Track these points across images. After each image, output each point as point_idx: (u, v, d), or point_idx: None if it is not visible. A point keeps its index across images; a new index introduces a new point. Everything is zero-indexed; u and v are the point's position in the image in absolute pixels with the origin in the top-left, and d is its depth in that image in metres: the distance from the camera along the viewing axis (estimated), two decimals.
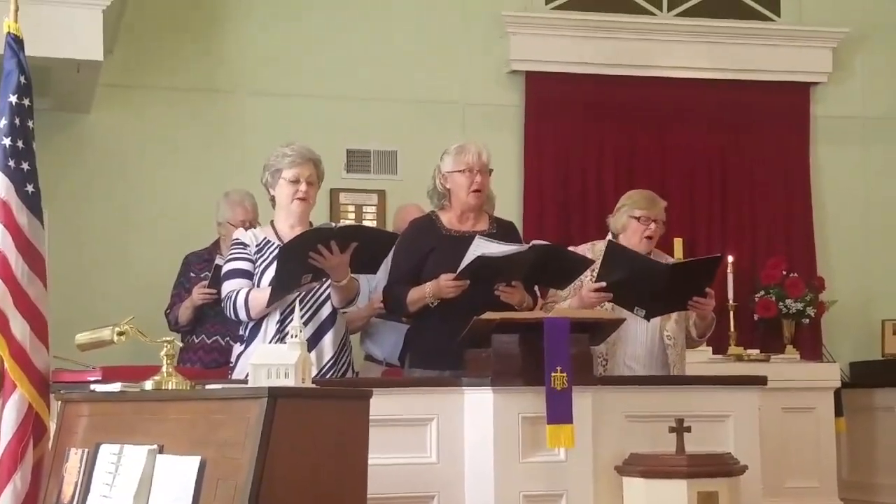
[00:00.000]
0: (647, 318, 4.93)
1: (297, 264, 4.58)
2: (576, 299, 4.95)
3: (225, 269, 4.88)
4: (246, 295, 4.72)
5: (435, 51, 7.69)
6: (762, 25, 8.19)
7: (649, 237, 5.11)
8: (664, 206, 5.23)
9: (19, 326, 4.18)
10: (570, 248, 5.12)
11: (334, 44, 7.54)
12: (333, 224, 4.80)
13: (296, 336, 3.46)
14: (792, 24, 8.23)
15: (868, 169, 8.26)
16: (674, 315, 5.07)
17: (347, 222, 7.10)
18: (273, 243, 4.82)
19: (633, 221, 5.14)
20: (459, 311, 4.50)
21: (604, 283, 4.83)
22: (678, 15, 8.13)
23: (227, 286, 4.80)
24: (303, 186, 4.81)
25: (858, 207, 8.22)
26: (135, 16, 7.03)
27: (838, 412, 7.04)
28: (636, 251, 5.00)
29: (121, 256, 7.07)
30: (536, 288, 5.01)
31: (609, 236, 5.19)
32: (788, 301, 7.61)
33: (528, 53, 7.77)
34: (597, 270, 4.89)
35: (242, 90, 7.39)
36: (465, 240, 4.80)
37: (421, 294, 4.85)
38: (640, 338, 5.05)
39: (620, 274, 4.81)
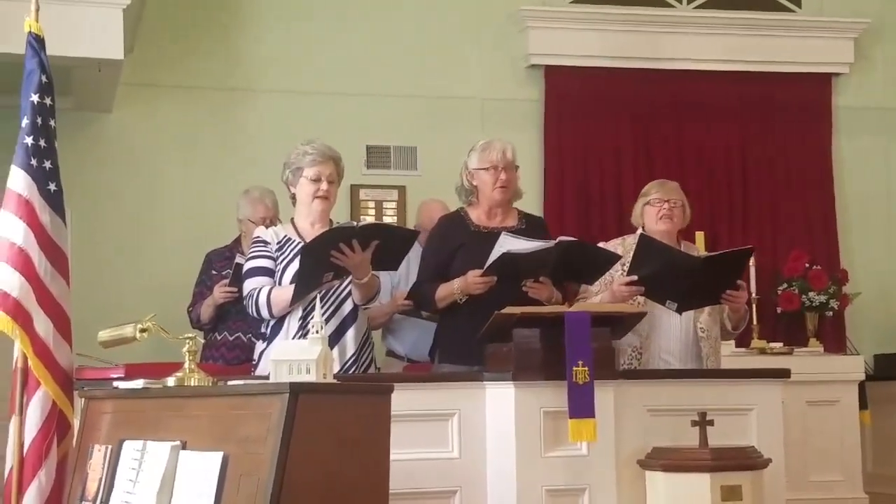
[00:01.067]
0: (679, 311, 4.92)
1: (319, 263, 4.60)
2: (607, 294, 4.95)
3: (246, 267, 4.89)
4: (268, 293, 4.73)
5: (454, 46, 7.69)
6: (783, 17, 8.16)
7: (666, 216, 5.10)
8: (675, 185, 5.23)
9: (43, 324, 4.22)
10: (601, 244, 5.13)
11: (352, 41, 7.55)
12: (355, 223, 4.80)
13: (317, 332, 3.47)
14: (813, 14, 8.20)
15: (891, 159, 8.22)
16: (707, 307, 5.06)
17: (368, 219, 7.12)
18: (294, 241, 4.83)
19: (647, 208, 5.16)
20: (488, 307, 4.49)
21: (635, 277, 4.82)
22: (697, 7, 8.11)
23: (249, 284, 4.81)
24: (324, 185, 4.82)
25: (881, 198, 8.18)
26: (154, 15, 7.06)
27: (862, 405, 7.02)
28: (668, 244, 4.99)
29: (142, 254, 7.10)
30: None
31: (639, 231, 5.18)
32: (811, 294, 7.58)
33: (547, 48, 7.76)
34: (628, 265, 4.88)
35: (262, 88, 7.41)
36: (494, 236, 4.82)
37: (449, 290, 4.87)
38: (674, 331, 5.04)
39: (652, 267, 4.80)
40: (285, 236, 4.86)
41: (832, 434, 6.86)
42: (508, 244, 4.71)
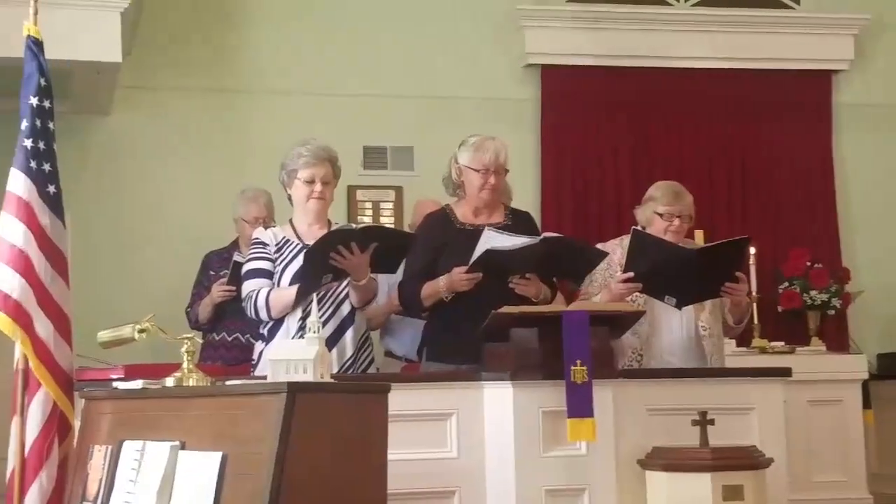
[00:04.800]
0: (678, 306, 4.89)
1: (320, 266, 4.60)
2: (606, 293, 4.92)
3: (245, 268, 4.89)
4: (266, 295, 4.73)
5: (450, 46, 7.70)
6: (782, 13, 8.16)
7: (674, 233, 5.07)
8: (691, 200, 5.17)
9: (43, 325, 4.22)
10: (599, 245, 5.10)
11: (349, 41, 7.56)
12: (354, 225, 4.80)
13: (314, 332, 3.47)
14: (812, 11, 8.20)
15: (892, 156, 8.20)
16: (708, 305, 5.03)
17: (365, 220, 7.12)
18: (292, 242, 4.83)
19: (656, 218, 5.10)
20: (475, 304, 4.49)
21: (632, 274, 4.81)
22: (695, 5, 8.11)
23: (248, 286, 4.82)
24: (318, 186, 4.82)
25: (883, 196, 8.17)
26: (152, 17, 7.07)
27: (866, 404, 6.97)
28: (663, 239, 4.96)
29: (141, 256, 7.11)
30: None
31: (639, 226, 5.16)
32: (813, 292, 7.57)
33: (544, 47, 7.76)
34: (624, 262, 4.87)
35: (259, 89, 7.43)
36: (479, 233, 4.78)
37: (435, 288, 4.84)
38: (675, 330, 5.02)
39: (648, 263, 4.78)
40: (284, 237, 4.87)
41: (835, 434, 6.82)
42: (492, 241, 4.68)
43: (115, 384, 3.96)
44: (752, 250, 7.01)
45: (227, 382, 3.68)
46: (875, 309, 7.95)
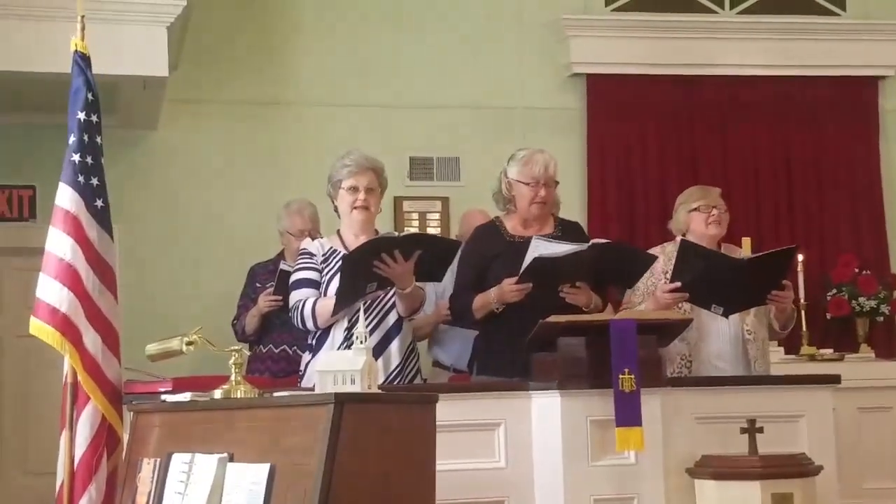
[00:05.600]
0: (726, 315, 4.88)
1: (360, 273, 4.60)
2: (651, 302, 4.91)
3: (292, 279, 4.91)
4: (313, 304, 4.74)
5: (495, 56, 7.69)
6: (827, 20, 8.10)
7: (715, 222, 5.07)
8: (718, 192, 5.21)
9: (91, 339, 4.25)
10: None
11: (393, 53, 7.57)
12: (397, 233, 4.80)
13: (361, 342, 3.47)
14: (857, 17, 8.12)
15: None
16: (753, 309, 5.01)
17: (411, 230, 7.12)
18: (339, 252, 4.83)
19: (694, 214, 5.12)
20: (526, 315, 4.48)
21: (679, 283, 4.79)
22: (740, 13, 8.06)
23: (295, 296, 4.83)
24: (361, 195, 4.82)
25: None
26: (198, 31, 7.10)
27: None
28: (710, 248, 4.96)
29: (188, 269, 7.15)
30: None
31: (679, 237, 5.15)
32: (861, 299, 7.51)
33: (589, 56, 7.74)
34: (669, 272, 4.85)
35: (305, 102, 7.45)
36: (529, 245, 4.78)
37: (486, 300, 4.84)
38: (723, 336, 5.00)
39: (695, 272, 4.77)
40: (331, 248, 4.88)
41: (885, 440, 6.78)
42: (541, 248, 4.67)
43: (163, 397, 3.98)
44: (800, 257, 6.96)
45: (275, 394, 3.69)
46: None
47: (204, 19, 7.14)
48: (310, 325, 4.76)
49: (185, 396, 3.79)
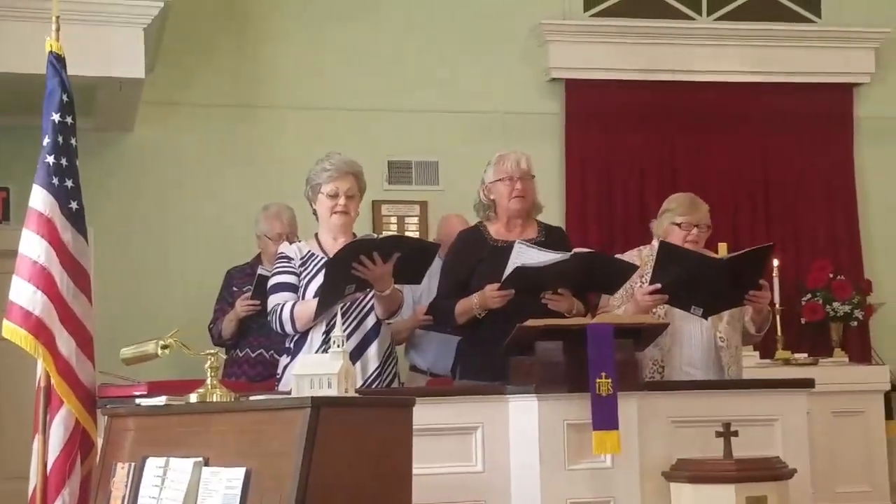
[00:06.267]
0: (705, 316, 4.89)
1: (342, 276, 4.59)
2: (631, 304, 4.92)
3: (270, 282, 4.90)
4: (291, 308, 4.74)
5: (474, 60, 7.69)
6: (803, 27, 8.14)
7: (693, 242, 5.07)
8: (706, 209, 5.18)
9: (65, 342, 4.23)
10: (617, 256, 5.10)
11: (372, 56, 7.57)
12: (376, 235, 4.79)
13: (338, 346, 3.47)
14: (833, 25, 8.16)
15: None
16: (725, 316, 5.02)
17: (390, 233, 7.11)
18: (317, 256, 4.83)
19: (674, 228, 5.10)
20: (508, 321, 4.48)
21: (659, 285, 4.80)
22: (717, 19, 8.10)
23: (273, 300, 4.82)
24: (341, 200, 4.82)
25: None
26: (175, 34, 7.06)
27: (888, 415, 6.96)
28: (689, 249, 4.96)
29: (164, 272, 7.12)
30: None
31: (654, 240, 5.16)
32: (836, 304, 7.55)
33: (568, 61, 7.76)
34: (649, 274, 4.86)
35: (283, 105, 7.43)
36: (512, 249, 4.79)
37: (468, 306, 4.85)
38: (695, 342, 5.00)
39: (674, 274, 4.77)
40: (309, 251, 4.87)
41: (858, 445, 6.80)
42: (523, 257, 4.69)
43: (138, 401, 3.96)
44: (776, 262, 6.99)
45: (251, 398, 3.68)
46: None
47: (181, 21, 7.10)
48: (288, 328, 4.75)
49: (160, 400, 3.77)
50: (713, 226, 5.26)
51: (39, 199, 4.31)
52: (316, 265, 4.80)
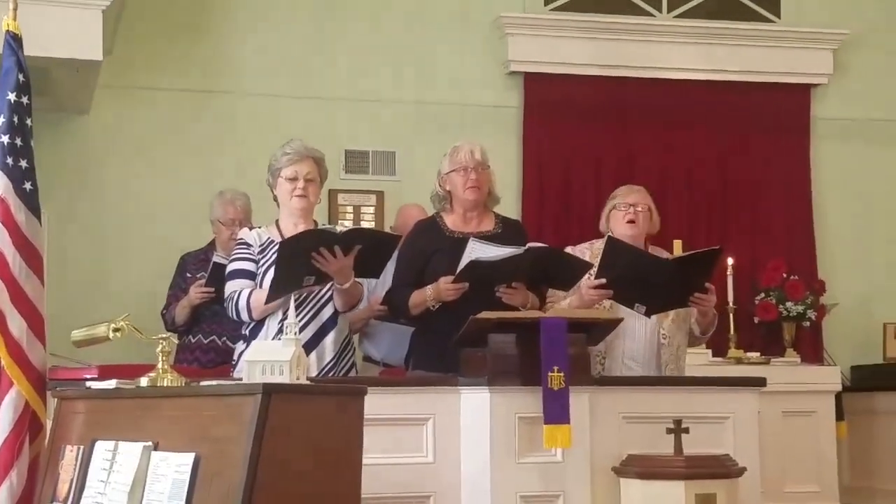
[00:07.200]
0: (648, 314, 4.89)
1: (297, 263, 4.56)
2: (576, 298, 4.92)
3: (228, 269, 4.87)
4: (248, 295, 4.71)
5: (434, 52, 7.69)
6: (762, 27, 8.18)
7: (631, 221, 5.07)
8: (645, 193, 5.21)
9: (16, 324, 4.18)
10: (568, 248, 5.10)
11: (332, 45, 7.54)
12: (338, 228, 4.76)
13: (290, 333, 3.46)
14: (792, 25, 8.22)
15: (869, 170, 8.23)
16: (671, 314, 5.03)
17: (346, 224, 7.09)
18: (276, 243, 4.79)
19: (614, 213, 5.13)
20: (462, 313, 4.47)
21: (604, 280, 4.81)
22: (678, 16, 8.12)
23: (230, 286, 4.79)
24: (300, 183, 4.79)
25: (859, 209, 8.19)
26: (133, 16, 7.03)
27: (839, 416, 7.00)
28: (636, 247, 4.97)
29: (118, 256, 7.07)
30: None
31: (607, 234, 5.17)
32: (789, 304, 7.59)
33: (527, 55, 7.77)
34: (596, 267, 4.87)
35: (241, 91, 7.40)
36: (468, 241, 4.79)
37: (422, 297, 4.84)
38: (638, 336, 5.00)
39: (620, 270, 4.78)
40: (268, 238, 4.84)
41: (809, 445, 6.84)
42: (476, 252, 4.69)
43: (88, 384, 3.93)
44: (730, 261, 7.04)
45: (202, 383, 3.66)
46: (849, 321, 7.97)
47: (140, 4, 7.08)
48: (244, 316, 4.72)
49: (110, 384, 3.74)
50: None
51: None
52: (275, 252, 4.77)
